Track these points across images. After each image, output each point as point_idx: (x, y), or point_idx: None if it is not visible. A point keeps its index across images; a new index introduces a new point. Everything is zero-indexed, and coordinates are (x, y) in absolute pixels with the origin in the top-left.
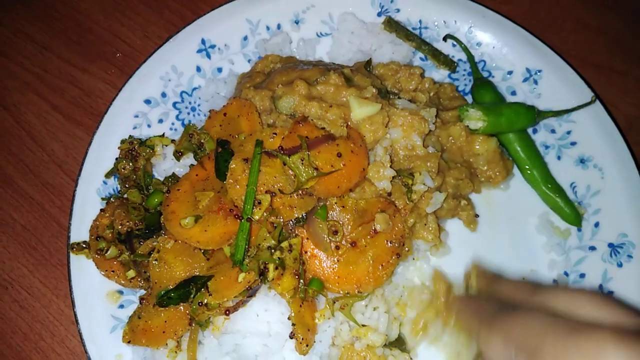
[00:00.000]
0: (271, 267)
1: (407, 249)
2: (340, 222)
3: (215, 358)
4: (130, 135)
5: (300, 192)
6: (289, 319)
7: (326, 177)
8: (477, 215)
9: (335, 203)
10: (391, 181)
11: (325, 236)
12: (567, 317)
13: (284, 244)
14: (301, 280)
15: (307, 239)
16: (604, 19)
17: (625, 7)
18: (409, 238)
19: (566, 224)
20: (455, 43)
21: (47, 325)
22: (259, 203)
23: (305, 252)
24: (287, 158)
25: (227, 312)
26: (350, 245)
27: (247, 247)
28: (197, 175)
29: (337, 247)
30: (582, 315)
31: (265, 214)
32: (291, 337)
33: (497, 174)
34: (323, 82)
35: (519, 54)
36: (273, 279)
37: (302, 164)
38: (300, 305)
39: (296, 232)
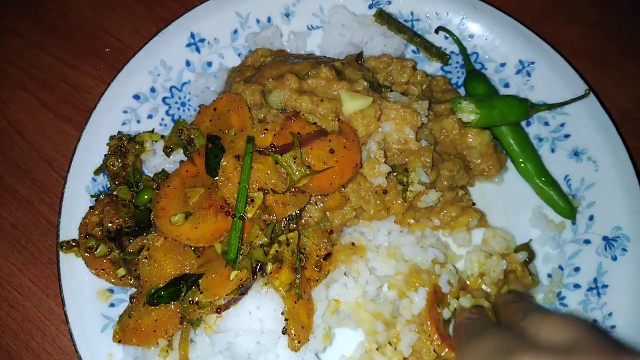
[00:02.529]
0: (269, 264)
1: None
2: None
3: (208, 357)
4: (119, 132)
5: (293, 189)
6: (282, 314)
7: (319, 174)
8: (474, 204)
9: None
10: (386, 178)
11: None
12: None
13: (282, 238)
14: (298, 276)
15: None
16: (598, 12)
17: (619, 0)
18: None
19: (561, 218)
20: (447, 35)
21: (38, 325)
22: (252, 201)
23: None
24: (280, 157)
25: (219, 310)
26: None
27: (240, 245)
28: (187, 171)
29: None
30: (543, 337)
31: (258, 211)
32: (284, 333)
33: (491, 167)
34: (314, 76)
35: (512, 46)
36: (271, 273)
37: (295, 162)
38: (295, 302)
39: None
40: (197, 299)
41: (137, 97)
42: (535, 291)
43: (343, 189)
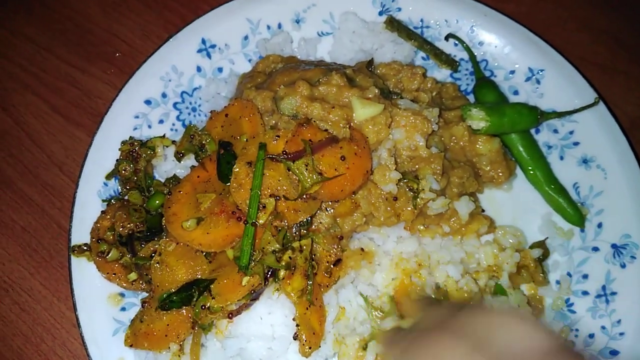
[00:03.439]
0: (282, 270)
1: None
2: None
3: None
4: (130, 137)
5: (304, 195)
6: (293, 319)
7: (330, 180)
8: (483, 210)
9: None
10: (397, 184)
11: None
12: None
13: (295, 244)
14: (309, 282)
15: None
16: (607, 19)
17: (628, 7)
18: None
19: (569, 225)
20: (457, 42)
21: (48, 328)
22: (264, 207)
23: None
24: (291, 163)
25: (231, 315)
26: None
27: (252, 251)
28: (198, 176)
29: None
30: (498, 339)
31: (269, 217)
32: (295, 339)
33: (500, 174)
34: (325, 83)
35: (521, 53)
36: (284, 278)
37: (306, 169)
38: (307, 308)
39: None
40: (208, 304)
41: (148, 102)
42: (544, 295)
43: (353, 195)
